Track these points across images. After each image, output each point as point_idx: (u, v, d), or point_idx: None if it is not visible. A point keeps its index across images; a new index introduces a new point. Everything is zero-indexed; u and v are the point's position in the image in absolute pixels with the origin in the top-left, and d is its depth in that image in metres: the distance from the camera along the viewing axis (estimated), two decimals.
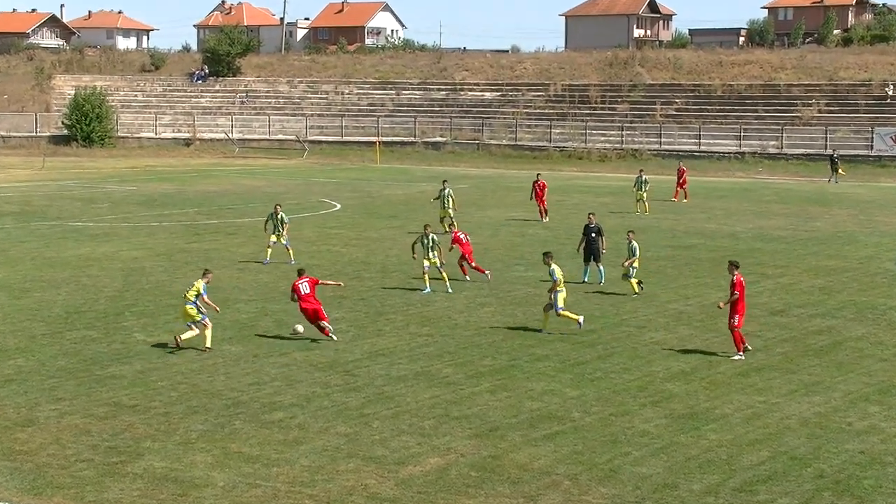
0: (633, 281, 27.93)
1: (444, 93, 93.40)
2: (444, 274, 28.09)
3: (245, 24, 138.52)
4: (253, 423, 17.10)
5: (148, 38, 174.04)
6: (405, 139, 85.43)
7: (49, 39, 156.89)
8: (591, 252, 29.51)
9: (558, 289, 23.27)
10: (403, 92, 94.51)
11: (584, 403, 18.33)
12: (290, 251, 32.70)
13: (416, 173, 68.83)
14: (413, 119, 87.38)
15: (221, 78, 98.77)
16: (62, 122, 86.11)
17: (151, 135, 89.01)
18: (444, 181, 41.72)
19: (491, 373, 20.40)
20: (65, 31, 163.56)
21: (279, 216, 32.67)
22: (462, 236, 29.79)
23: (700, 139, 77.59)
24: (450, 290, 27.75)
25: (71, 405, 17.90)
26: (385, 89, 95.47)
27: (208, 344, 21.59)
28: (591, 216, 30.09)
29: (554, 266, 23.44)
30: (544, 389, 19.17)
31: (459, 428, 17.02)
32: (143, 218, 42.89)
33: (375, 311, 25.86)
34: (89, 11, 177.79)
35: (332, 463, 15.40)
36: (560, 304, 23.26)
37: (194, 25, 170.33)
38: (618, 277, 29.03)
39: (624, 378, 19.99)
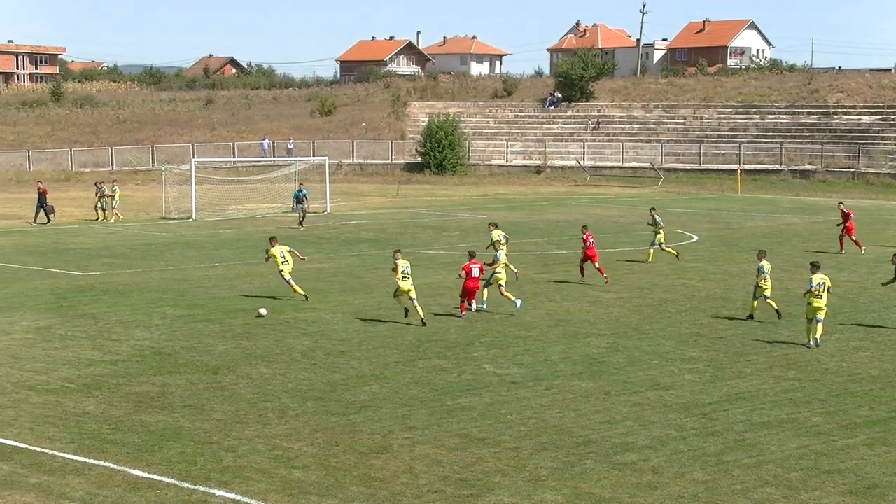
0: None
1: (814, 116, 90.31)
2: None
3: (599, 46, 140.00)
4: (604, 464, 17.14)
5: (501, 64, 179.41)
6: (770, 167, 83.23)
7: (405, 66, 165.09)
8: None
9: None
10: (769, 116, 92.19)
11: None
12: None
13: (781, 204, 66.86)
14: (779, 145, 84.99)
15: (574, 103, 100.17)
16: (416, 150, 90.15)
17: (502, 162, 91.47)
18: (652, 208, 41.15)
19: (867, 424, 19.42)
20: (420, 57, 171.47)
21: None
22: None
23: None
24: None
25: (423, 434, 18.66)
26: (748, 113, 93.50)
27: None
28: None
29: None
30: None
31: (831, 483, 16.31)
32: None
33: (735, 350, 25.31)
34: (444, 38, 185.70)
35: None
36: None
37: (547, 49, 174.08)
38: None
39: None
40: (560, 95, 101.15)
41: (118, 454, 17.32)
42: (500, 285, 30.48)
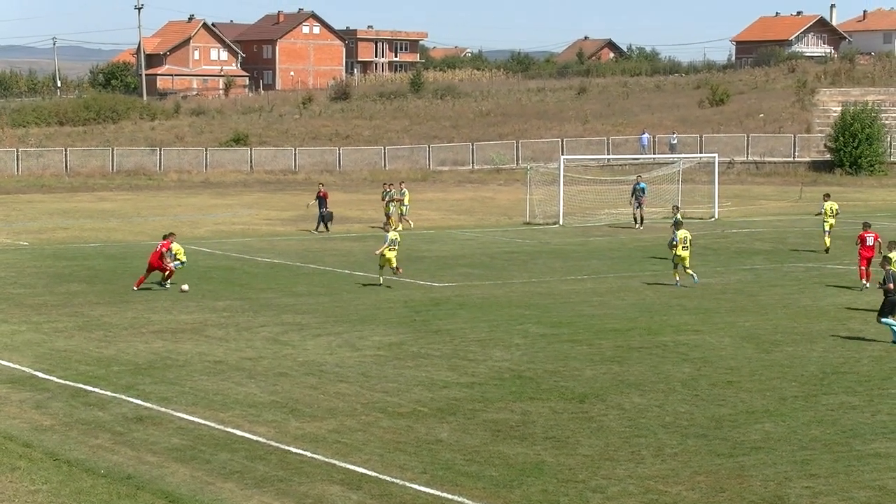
0: None
1: None
2: None
3: None
4: None
5: None
6: None
7: (814, 47, 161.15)
8: None
9: None
10: None
11: None
12: None
13: None
14: None
15: None
16: (825, 145, 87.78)
17: None
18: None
19: None
20: (833, 35, 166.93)
21: None
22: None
23: None
24: None
25: (826, 484, 18.11)
26: None
27: None
28: None
29: None
30: None
31: None
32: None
33: None
34: (864, 11, 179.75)
35: None
36: None
37: None
38: None
39: None
40: None
41: (473, 488, 17.87)
42: None
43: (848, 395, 23.66)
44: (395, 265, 37.32)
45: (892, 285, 28.72)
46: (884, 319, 28.83)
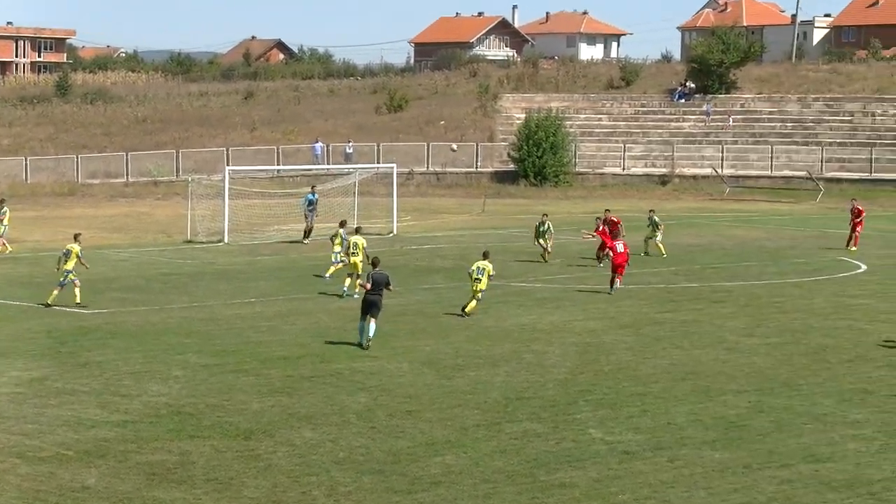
0: None
1: None
2: None
3: (744, 23, 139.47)
4: None
5: (618, 46, 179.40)
6: None
7: (497, 50, 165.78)
8: None
9: None
10: None
11: None
12: None
13: None
14: None
15: (711, 95, 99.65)
16: (508, 155, 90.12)
17: (617, 170, 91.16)
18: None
19: None
20: (516, 38, 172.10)
21: None
22: None
23: None
24: None
25: None
26: None
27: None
28: None
29: None
30: None
31: None
32: (603, 279, 43.86)
33: None
34: (546, 14, 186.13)
35: None
36: None
37: (677, 28, 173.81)
38: None
39: None
40: (693, 86, 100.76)
41: None
42: None
43: (532, 422, 24.30)
44: None
45: (369, 285, 31.74)
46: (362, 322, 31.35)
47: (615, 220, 49.42)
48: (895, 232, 61.21)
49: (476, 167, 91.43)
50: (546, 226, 49.31)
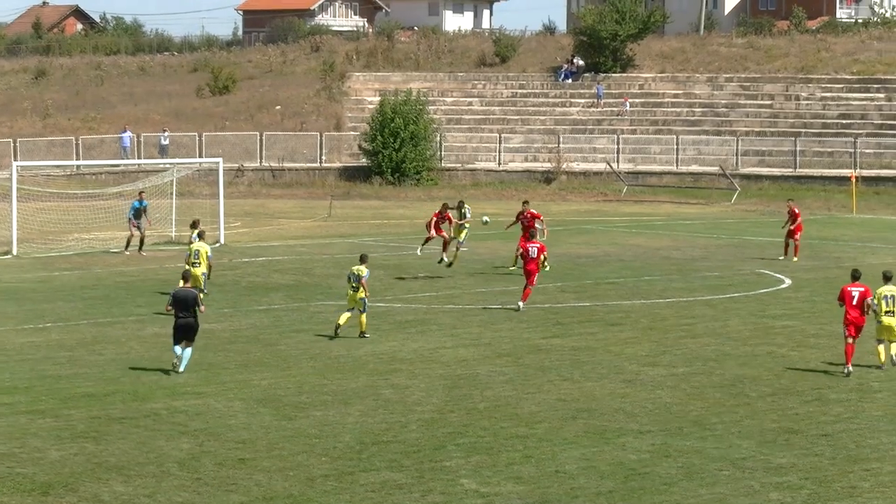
0: None
1: None
2: None
3: None
4: None
5: (491, 14, 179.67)
6: None
7: (343, 19, 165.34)
8: None
9: None
10: None
11: None
12: None
13: None
14: None
15: (604, 75, 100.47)
16: (359, 147, 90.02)
17: (492, 165, 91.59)
18: None
19: None
20: (367, 5, 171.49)
21: None
22: None
23: None
24: None
25: None
26: (868, 91, 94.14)
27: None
28: None
29: None
30: None
31: None
32: (476, 296, 44.06)
33: (846, 455, 25.37)
34: None
35: None
36: None
37: None
38: None
39: None
40: (582, 63, 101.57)
41: None
42: None
43: (392, 470, 24.32)
44: None
45: (170, 307, 32.97)
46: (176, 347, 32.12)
47: (534, 214, 49.70)
48: (825, 240, 61.97)
49: (320, 162, 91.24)
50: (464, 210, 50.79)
